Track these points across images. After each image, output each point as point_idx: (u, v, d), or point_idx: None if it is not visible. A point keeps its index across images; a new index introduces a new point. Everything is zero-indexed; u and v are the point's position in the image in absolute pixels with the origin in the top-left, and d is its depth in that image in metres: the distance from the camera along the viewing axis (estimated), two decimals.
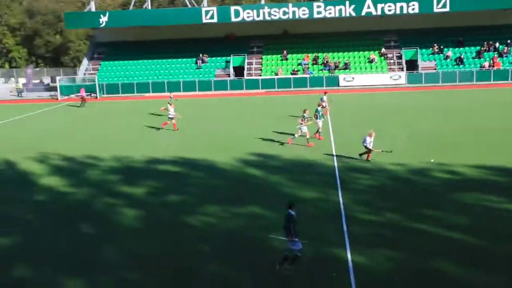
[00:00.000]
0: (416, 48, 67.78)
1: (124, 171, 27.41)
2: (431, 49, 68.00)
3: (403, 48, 68.66)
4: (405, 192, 22.46)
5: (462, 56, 66.35)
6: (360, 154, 27.92)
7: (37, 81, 77.12)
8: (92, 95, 64.02)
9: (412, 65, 66.93)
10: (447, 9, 63.91)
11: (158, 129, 39.08)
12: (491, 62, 65.06)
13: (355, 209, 20.25)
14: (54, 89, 67.38)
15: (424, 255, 15.84)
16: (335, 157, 28.33)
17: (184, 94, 62.72)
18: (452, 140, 31.50)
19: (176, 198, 22.64)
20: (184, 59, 70.18)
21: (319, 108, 34.40)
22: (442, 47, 67.95)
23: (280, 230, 15.30)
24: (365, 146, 27.47)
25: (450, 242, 16.70)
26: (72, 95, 64.26)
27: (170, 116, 38.56)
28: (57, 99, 63.69)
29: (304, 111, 32.26)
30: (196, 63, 69.16)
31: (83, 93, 57.31)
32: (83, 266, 16.30)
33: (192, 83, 65.22)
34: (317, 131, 33.67)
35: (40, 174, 27.31)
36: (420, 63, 66.56)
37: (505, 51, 66.64)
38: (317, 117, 33.68)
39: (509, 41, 67.66)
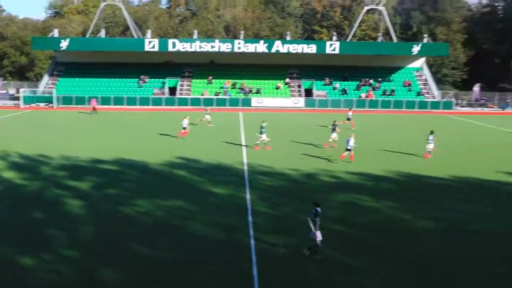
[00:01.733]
0: (313, 80, 69.01)
1: (71, 168, 26.30)
2: (323, 81, 69.42)
3: (302, 79, 69.75)
4: (297, 191, 22.68)
5: (346, 88, 68.08)
6: (342, 156, 28.90)
7: (4, 91, 74.10)
8: (49, 104, 61.63)
9: (309, 92, 68.10)
10: (337, 51, 65.55)
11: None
12: (367, 94, 67.15)
13: (259, 204, 20.26)
14: (18, 98, 64.71)
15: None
16: (245, 163, 28.28)
17: (127, 108, 61.53)
18: (334, 151, 32.08)
19: (114, 192, 21.97)
20: (128, 79, 68.52)
21: (264, 124, 33.31)
22: (331, 80, 69.49)
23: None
24: (348, 148, 28.49)
25: (330, 231, 16.97)
26: (33, 104, 61.87)
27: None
28: (19, 107, 60.85)
29: (263, 121, 33.24)
30: (138, 82, 67.76)
31: (94, 103, 54.83)
32: (31, 243, 15.65)
33: (134, 99, 63.86)
34: (257, 143, 33.29)
35: (0, 169, 25.87)
36: (315, 92, 67.76)
37: (377, 86, 68.95)
38: (261, 132, 32.96)
39: (380, 79, 70.09)
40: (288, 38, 70.12)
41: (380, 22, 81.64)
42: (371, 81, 69.77)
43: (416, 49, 66.97)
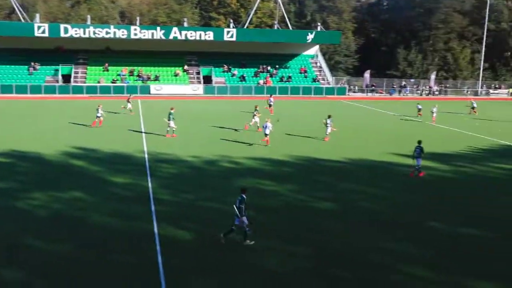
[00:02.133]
0: (211, 67, 68.99)
1: None
2: (222, 68, 69.65)
3: (201, 66, 69.47)
4: (199, 178, 22.69)
5: (244, 75, 68.83)
6: (263, 140, 29.70)
7: None
8: None
9: (208, 79, 68.00)
10: (234, 38, 65.98)
11: None
12: (265, 80, 68.36)
13: (161, 192, 20.05)
14: None
15: (214, 226, 16.09)
16: (145, 151, 27.78)
17: (16, 96, 57.83)
18: (237, 137, 32.42)
19: (6, 185, 20.67)
20: (17, 66, 64.36)
21: (172, 111, 32.93)
22: (230, 67, 69.89)
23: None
24: (266, 133, 29.36)
25: (232, 216, 17.17)
26: None
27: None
28: None
29: (171, 108, 33.07)
30: (28, 69, 63.84)
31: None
32: None
33: (24, 87, 60.17)
34: (168, 130, 32.77)
35: None
36: (214, 79, 67.81)
37: (274, 73, 70.41)
38: (169, 118, 32.48)
39: (277, 66, 71.61)
40: (185, 24, 69.40)
41: (275, 10, 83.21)
42: (269, 68, 71.06)
43: (310, 37, 69.10)
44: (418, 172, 23.56)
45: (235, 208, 14.90)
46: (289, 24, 75.32)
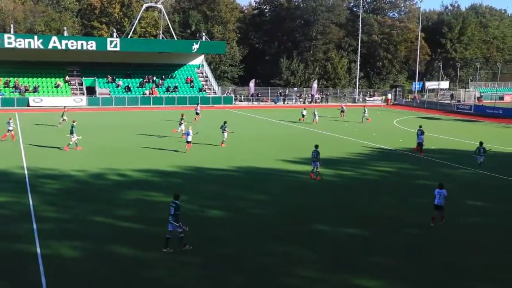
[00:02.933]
0: (94, 77, 66.76)
1: None
2: (106, 78, 67.66)
3: (83, 77, 66.98)
4: (84, 192, 21.89)
5: (129, 86, 67.43)
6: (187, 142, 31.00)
7: None
8: None
9: (91, 90, 65.70)
10: (118, 48, 64.42)
11: None
12: (151, 91, 67.46)
13: (44, 209, 19.09)
14: None
15: (103, 241, 15.63)
16: (25, 167, 26.24)
17: None
18: (123, 150, 31.70)
19: None
20: None
21: (74, 124, 32.01)
22: (114, 77, 68.12)
23: None
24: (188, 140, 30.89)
25: (120, 228, 16.80)
26: None
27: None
28: None
29: (73, 121, 32.44)
30: None
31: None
32: None
33: None
34: (69, 144, 31.50)
35: None
36: (98, 90, 65.70)
37: (160, 83, 69.75)
38: (71, 132, 31.51)
39: (163, 76, 71.02)
40: (65, 34, 66.55)
41: (160, 20, 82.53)
42: (155, 78, 70.26)
43: (195, 47, 69.40)
44: (317, 174, 24.93)
45: (170, 217, 15.08)
46: (174, 34, 75.05)
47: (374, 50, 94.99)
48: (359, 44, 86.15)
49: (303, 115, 49.94)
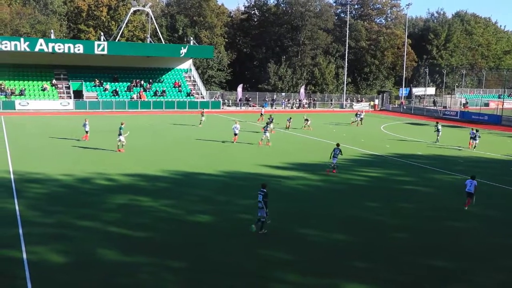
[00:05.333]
0: (82, 81, 66.48)
1: None
2: (93, 82, 67.38)
3: (71, 81, 66.67)
4: (71, 196, 21.77)
5: (117, 89, 67.22)
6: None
7: None
8: None
9: (78, 94, 65.39)
10: (106, 52, 64.19)
11: None
12: (138, 95, 67.29)
13: (30, 214, 18.95)
14: None
15: (89, 246, 15.57)
16: (11, 171, 26.05)
17: None
18: (110, 154, 31.58)
19: None
20: None
21: (123, 126, 33.10)
22: (102, 81, 67.86)
23: None
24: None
25: (107, 233, 16.76)
26: None
27: None
28: None
29: (121, 123, 33.26)
30: None
31: None
32: None
33: None
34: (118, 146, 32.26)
35: None
36: (85, 93, 65.42)
37: (148, 87, 69.60)
38: (120, 133, 32.54)
39: (151, 80, 70.90)
40: (52, 36, 66.20)
41: (147, 24, 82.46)
42: (142, 82, 70.10)
43: (183, 51, 69.39)
44: (333, 169, 27.62)
45: (260, 202, 17.15)
46: (161, 38, 75.01)
47: (361, 56, 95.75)
48: (347, 50, 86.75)
49: (289, 119, 48.46)
